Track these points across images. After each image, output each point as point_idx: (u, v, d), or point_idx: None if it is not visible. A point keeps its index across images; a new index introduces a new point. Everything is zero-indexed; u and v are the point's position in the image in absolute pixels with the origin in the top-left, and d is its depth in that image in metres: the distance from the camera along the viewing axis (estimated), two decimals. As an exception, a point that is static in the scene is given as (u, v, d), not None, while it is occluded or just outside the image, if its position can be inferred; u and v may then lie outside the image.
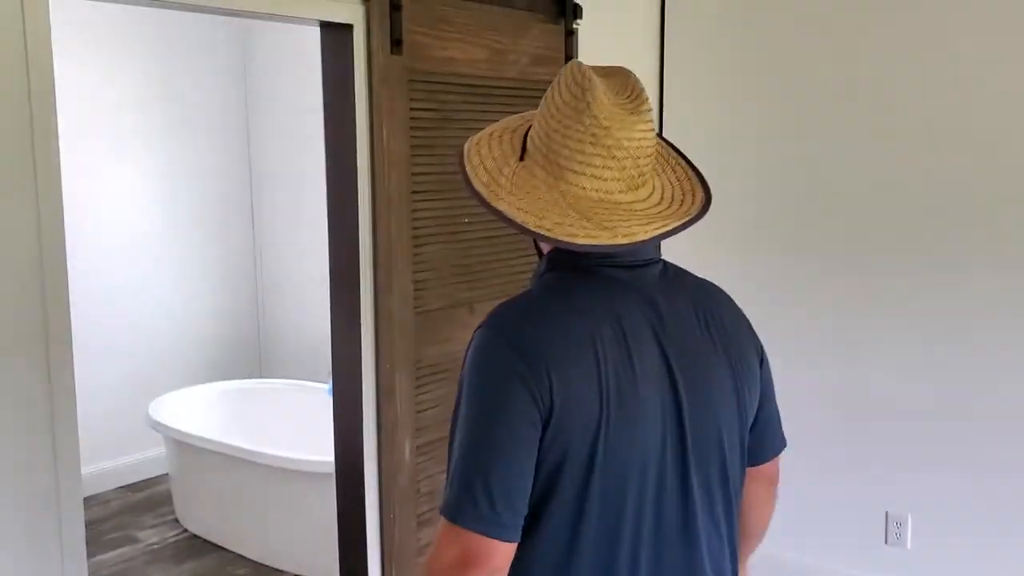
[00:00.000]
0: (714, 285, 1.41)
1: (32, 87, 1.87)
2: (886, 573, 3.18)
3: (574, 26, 3.12)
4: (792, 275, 3.35)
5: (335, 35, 2.51)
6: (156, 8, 2.37)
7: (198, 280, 5.07)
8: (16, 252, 1.90)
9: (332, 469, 2.71)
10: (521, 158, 1.27)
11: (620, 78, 1.27)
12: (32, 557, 1.94)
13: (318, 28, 2.55)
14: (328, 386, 3.17)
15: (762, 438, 1.41)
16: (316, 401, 4.21)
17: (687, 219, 1.23)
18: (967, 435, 3.03)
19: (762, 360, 1.39)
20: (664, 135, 1.44)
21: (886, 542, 3.19)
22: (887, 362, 3.16)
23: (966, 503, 3.04)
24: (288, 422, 4.29)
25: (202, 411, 4.45)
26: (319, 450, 3.33)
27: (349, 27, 2.46)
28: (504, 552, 1.16)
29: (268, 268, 5.27)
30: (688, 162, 1.35)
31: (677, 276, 1.34)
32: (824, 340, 3.29)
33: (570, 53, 3.02)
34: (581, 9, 3.12)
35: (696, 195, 1.29)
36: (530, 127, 1.31)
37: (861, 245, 3.19)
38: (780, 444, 1.46)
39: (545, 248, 1.33)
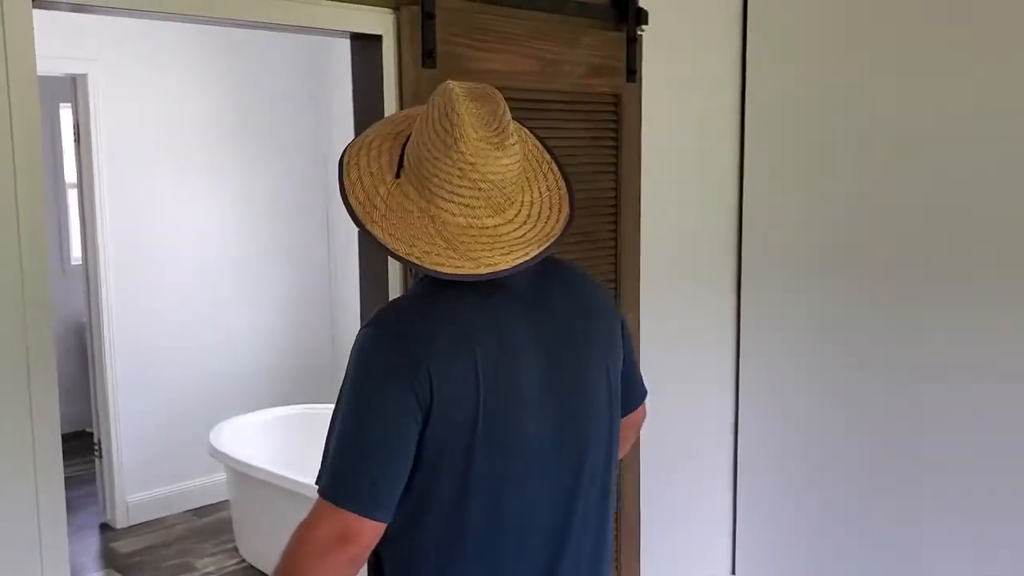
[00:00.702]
0: (573, 264, 1.55)
1: (14, 123, 1.75)
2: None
3: (638, 32, 2.88)
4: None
5: (364, 47, 2.33)
6: (216, 26, 2.28)
7: (272, 304, 5.01)
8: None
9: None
10: (398, 174, 1.34)
11: (489, 106, 1.32)
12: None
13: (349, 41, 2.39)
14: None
15: (628, 392, 1.55)
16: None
17: (547, 245, 1.34)
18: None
19: (622, 323, 1.54)
20: (745, 157, 1.35)
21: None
22: None
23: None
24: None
25: (263, 438, 4.35)
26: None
27: (378, 38, 2.29)
28: (376, 530, 1.27)
29: (343, 292, 5.17)
30: (561, 170, 1.45)
31: (546, 265, 1.40)
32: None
33: (632, 63, 2.75)
34: (646, 14, 2.86)
35: (563, 210, 1.39)
36: (409, 136, 1.36)
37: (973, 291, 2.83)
38: (643, 394, 1.65)
39: None
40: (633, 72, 2.74)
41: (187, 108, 4.59)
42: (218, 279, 4.77)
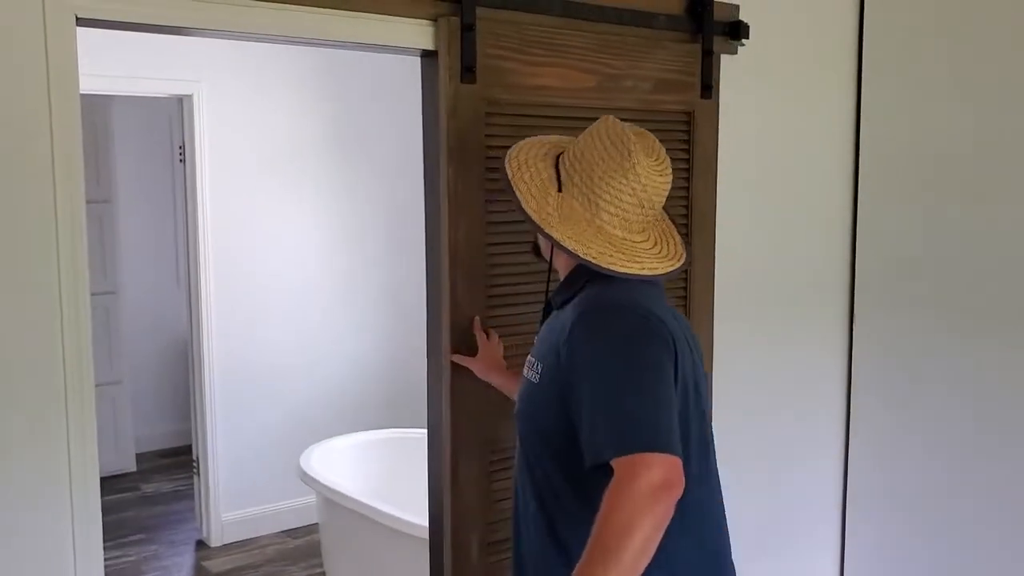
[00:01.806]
0: None
1: (55, 140, 1.74)
2: None
3: (738, 47, 2.68)
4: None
5: (425, 64, 2.25)
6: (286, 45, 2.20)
7: (371, 326, 5.00)
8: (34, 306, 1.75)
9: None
10: (559, 188, 1.63)
11: (648, 140, 1.64)
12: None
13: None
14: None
15: None
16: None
17: (681, 263, 1.67)
18: None
19: None
20: (859, 185, 1.68)
21: None
22: None
23: None
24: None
25: (352, 462, 4.31)
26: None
27: (435, 54, 2.16)
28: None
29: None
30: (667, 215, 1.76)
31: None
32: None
33: (708, 77, 2.52)
34: (747, 28, 2.66)
35: (676, 239, 1.71)
36: (558, 157, 1.67)
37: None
38: None
39: (563, 265, 1.70)
40: (709, 87, 2.52)
41: (289, 130, 4.64)
42: (316, 300, 4.80)
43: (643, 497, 1.34)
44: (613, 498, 1.35)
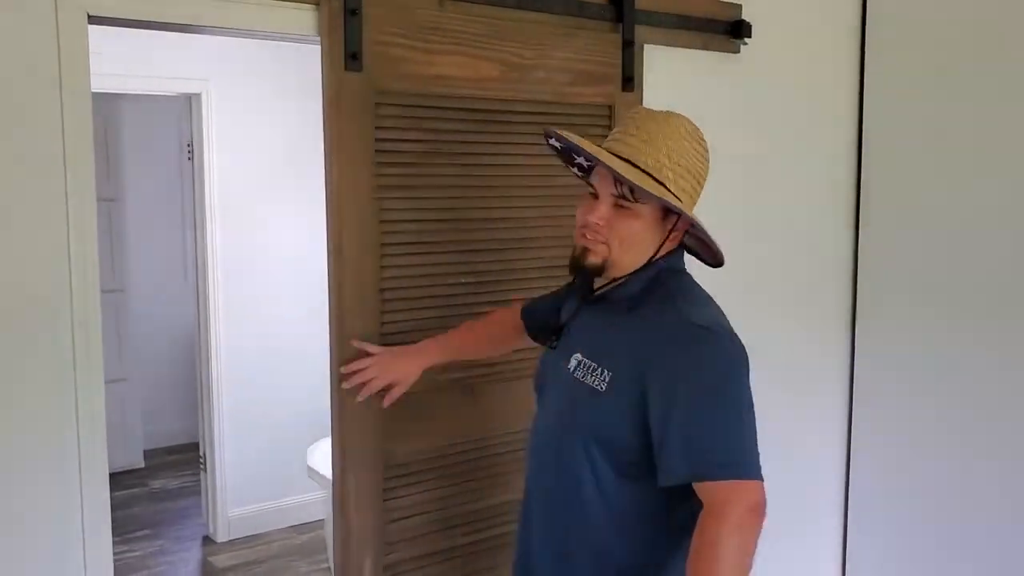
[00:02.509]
0: None
1: (66, 137, 1.76)
2: None
3: (741, 46, 2.68)
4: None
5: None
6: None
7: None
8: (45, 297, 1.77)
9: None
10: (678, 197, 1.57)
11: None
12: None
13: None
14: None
15: None
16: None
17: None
18: None
19: None
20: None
21: None
22: None
23: None
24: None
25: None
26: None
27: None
28: None
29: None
30: None
31: None
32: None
33: (629, 69, 2.41)
34: (750, 27, 2.67)
35: None
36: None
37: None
38: None
39: (629, 263, 1.59)
40: (630, 79, 2.41)
41: (297, 127, 4.63)
42: (324, 297, 4.75)
43: (736, 528, 1.40)
44: (708, 530, 1.41)
